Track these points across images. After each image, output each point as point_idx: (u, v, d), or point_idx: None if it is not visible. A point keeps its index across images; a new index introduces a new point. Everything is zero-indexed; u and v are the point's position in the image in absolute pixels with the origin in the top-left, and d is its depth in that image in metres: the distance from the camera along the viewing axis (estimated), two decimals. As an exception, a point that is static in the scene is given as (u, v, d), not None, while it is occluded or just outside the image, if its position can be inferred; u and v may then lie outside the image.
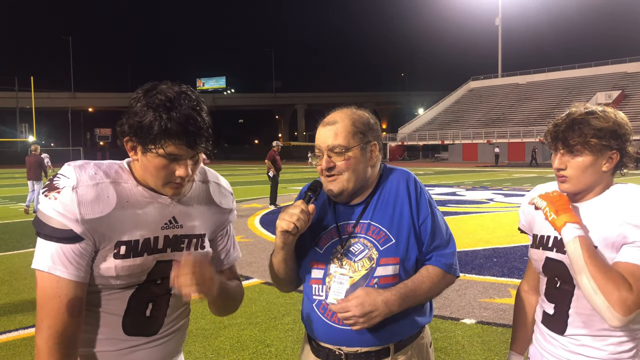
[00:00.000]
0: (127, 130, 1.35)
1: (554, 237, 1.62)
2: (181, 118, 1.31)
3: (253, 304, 5.17)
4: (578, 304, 1.57)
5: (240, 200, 15.63)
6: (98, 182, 1.33)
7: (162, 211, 1.41)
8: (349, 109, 1.68)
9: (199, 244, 1.50)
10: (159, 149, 1.32)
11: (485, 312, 4.85)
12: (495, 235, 8.84)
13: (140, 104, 1.33)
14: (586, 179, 1.55)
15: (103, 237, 1.32)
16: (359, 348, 1.59)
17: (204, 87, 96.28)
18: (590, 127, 1.52)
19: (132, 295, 1.40)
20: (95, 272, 1.34)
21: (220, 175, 1.63)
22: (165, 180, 1.37)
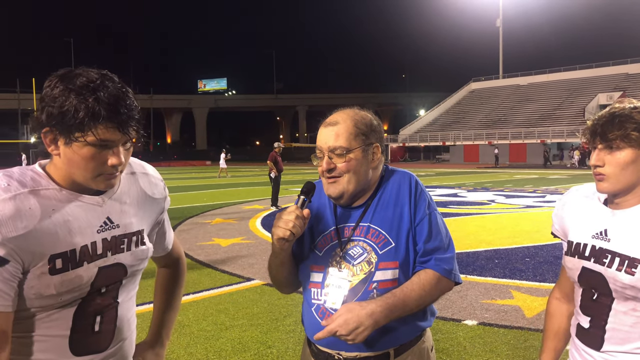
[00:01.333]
0: (45, 120, 1.17)
1: (592, 245, 1.50)
2: (110, 99, 1.16)
3: (255, 305, 5.17)
4: (616, 319, 1.46)
5: (241, 201, 15.64)
6: (15, 194, 1.15)
7: (94, 213, 1.27)
8: (351, 110, 1.65)
9: (138, 241, 1.37)
10: (87, 136, 1.16)
11: (487, 313, 4.84)
12: (496, 236, 8.83)
13: (58, 89, 1.16)
14: (626, 177, 1.43)
15: (32, 254, 1.16)
16: (358, 353, 1.56)
17: (205, 88, 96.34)
18: (632, 120, 1.40)
19: (76, 311, 1.24)
20: (30, 294, 1.18)
21: (146, 164, 1.50)
22: (96, 172, 1.22)
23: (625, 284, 1.41)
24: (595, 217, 1.54)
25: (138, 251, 1.37)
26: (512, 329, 4.40)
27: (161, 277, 1.69)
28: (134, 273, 1.38)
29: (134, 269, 1.37)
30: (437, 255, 1.59)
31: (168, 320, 1.65)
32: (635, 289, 1.40)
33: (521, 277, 6.10)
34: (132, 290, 1.41)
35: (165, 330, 1.64)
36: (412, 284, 1.54)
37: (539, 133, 47.51)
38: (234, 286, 5.85)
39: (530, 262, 6.82)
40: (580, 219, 1.59)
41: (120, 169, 1.26)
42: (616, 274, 1.43)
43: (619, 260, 1.43)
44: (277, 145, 13.91)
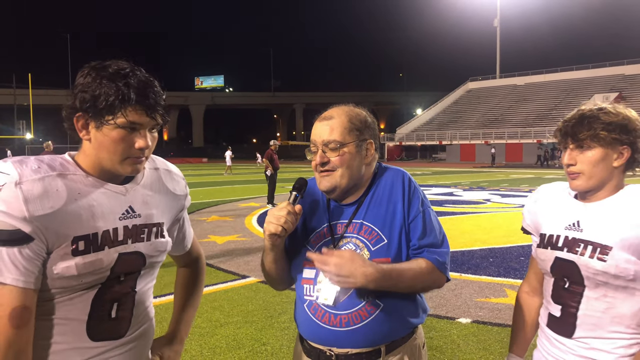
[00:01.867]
0: (78, 106, 1.25)
1: (565, 236, 1.59)
2: (139, 84, 1.25)
3: (249, 302, 5.18)
4: (587, 306, 1.54)
5: (238, 199, 15.64)
6: (44, 176, 1.21)
7: (117, 201, 1.33)
8: (346, 106, 1.66)
9: (158, 232, 1.42)
10: (117, 118, 1.24)
11: (481, 311, 4.87)
12: (491, 235, 8.86)
13: (91, 76, 1.25)
14: (597, 174, 1.53)
15: (57, 235, 1.21)
16: (349, 349, 1.56)
17: (202, 85, 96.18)
18: (599, 121, 1.51)
19: (95, 297, 1.29)
20: (53, 275, 1.22)
21: (168, 162, 1.56)
22: (124, 155, 1.28)
23: (597, 270, 1.50)
24: (568, 210, 1.63)
25: (157, 242, 1.42)
26: (506, 327, 4.42)
27: (181, 276, 1.74)
28: (152, 264, 1.42)
29: (152, 259, 1.41)
30: (431, 249, 1.60)
31: (187, 318, 1.69)
32: (606, 274, 1.49)
33: (515, 276, 6.13)
34: (149, 282, 1.46)
35: (184, 327, 1.67)
36: (409, 264, 1.55)
37: (535, 133, 47.63)
38: (229, 283, 5.86)
39: (524, 261, 6.85)
40: (553, 212, 1.67)
41: (146, 153, 1.32)
42: (589, 261, 1.51)
43: (591, 248, 1.52)
44: (273, 143, 13.91)
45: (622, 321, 1.52)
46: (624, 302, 1.51)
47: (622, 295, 1.50)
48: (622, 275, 1.47)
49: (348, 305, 1.56)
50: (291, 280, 1.75)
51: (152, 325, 1.49)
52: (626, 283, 1.48)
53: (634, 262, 1.46)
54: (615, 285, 1.49)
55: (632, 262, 1.46)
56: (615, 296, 1.51)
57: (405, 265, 1.55)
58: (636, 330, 1.52)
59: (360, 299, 1.55)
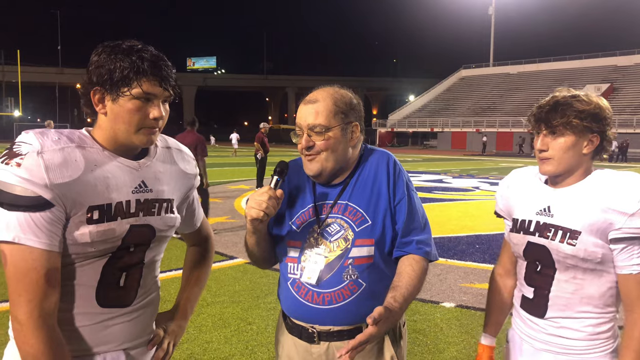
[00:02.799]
0: (95, 80, 1.32)
1: (536, 221, 1.64)
2: (152, 57, 1.33)
3: (237, 282, 5.21)
4: (558, 288, 1.61)
5: (227, 181, 15.62)
6: (63, 147, 1.29)
7: (130, 175, 1.39)
8: (331, 88, 1.65)
9: (168, 208, 1.49)
10: (133, 88, 1.31)
11: (465, 296, 4.94)
12: (478, 222, 8.94)
13: (105, 54, 1.32)
14: (567, 160, 1.57)
15: (74, 202, 1.28)
16: (331, 327, 1.59)
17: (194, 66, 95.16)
18: (572, 108, 1.55)
19: (105, 265, 1.36)
20: (69, 240, 1.29)
21: (179, 142, 1.63)
22: (139, 125, 1.35)
23: (567, 254, 1.55)
24: (539, 196, 1.67)
25: (167, 217, 1.48)
26: (489, 311, 4.49)
27: (190, 255, 1.80)
28: (161, 238, 1.48)
29: (161, 233, 1.47)
30: (417, 237, 1.61)
31: (193, 296, 1.74)
32: (575, 258, 1.55)
33: (500, 262, 6.20)
34: (157, 255, 1.52)
35: (190, 304, 1.72)
36: (406, 280, 1.53)
37: (526, 122, 47.64)
38: (217, 264, 5.89)
39: (510, 248, 6.93)
40: (524, 198, 1.72)
41: (160, 124, 1.38)
42: (559, 245, 1.57)
43: (561, 233, 1.57)
44: (263, 126, 13.81)
45: (590, 301, 1.59)
46: (592, 283, 1.58)
47: (590, 277, 1.57)
48: (590, 259, 1.53)
49: (331, 283, 1.58)
50: (275, 260, 1.77)
51: (157, 297, 1.55)
52: (594, 266, 1.55)
53: (601, 246, 1.52)
54: (583, 267, 1.56)
55: (600, 246, 1.52)
56: (584, 278, 1.58)
57: (407, 277, 1.54)
58: (603, 309, 1.60)
59: (343, 279, 1.58)
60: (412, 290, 1.54)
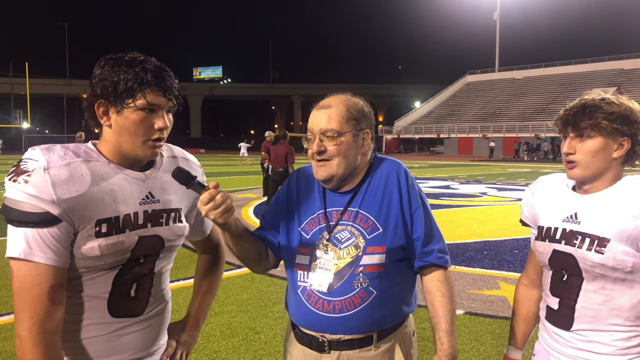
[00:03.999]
0: (99, 93, 1.33)
1: (562, 228, 1.58)
2: (155, 68, 1.34)
3: (244, 291, 5.21)
4: (585, 298, 1.53)
5: (234, 190, 15.65)
6: (69, 162, 1.30)
7: (137, 187, 1.40)
8: (344, 95, 1.67)
9: (176, 218, 1.49)
10: (137, 100, 1.32)
11: (474, 303, 4.91)
12: (486, 228, 8.90)
13: (108, 66, 1.33)
14: (595, 164, 1.51)
15: (82, 217, 1.29)
16: (342, 335, 1.59)
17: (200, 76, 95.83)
18: (601, 110, 1.49)
19: (116, 276, 1.37)
20: (78, 255, 1.30)
21: (185, 151, 1.63)
22: (145, 136, 1.36)
23: (595, 262, 1.48)
24: (565, 202, 1.61)
25: (175, 227, 1.48)
26: (498, 318, 4.47)
27: (201, 263, 1.80)
28: (170, 248, 1.49)
29: (170, 243, 1.48)
30: (437, 246, 1.63)
31: (205, 305, 1.75)
32: (604, 267, 1.47)
33: (509, 269, 6.17)
34: (167, 265, 1.53)
35: (201, 313, 1.73)
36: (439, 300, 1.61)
37: (533, 127, 47.62)
38: (225, 273, 5.83)
39: (518, 254, 6.89)
40: (550, 205, 1.66)
41: (165, 134, 1.40)
42: (586, 253, 1.50)
43: (589, 240, 1.50)
44: (269, 134, 13.84)
45: (620, 313, 1.51)
46: (622, 294, 1.50)
47: (621, 287, 1.49)
48: (620, 268, 1.46)
49: (342, 292, 1.58)
50: (264, 262, 1.74)
51: (168, 306, 1.56)
52: (624, 275, 1.47)
53: (632, 255, 1.45)
54: (613, 277, 1.48)
55: (630, 255, 1.45)
56: (613, 288, 1.50)
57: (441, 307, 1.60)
58: (634, 322, 1.51)
59: (354, 286, 1.57)
60: (451, 316, 1.59)
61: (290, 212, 1.72)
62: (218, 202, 1.41)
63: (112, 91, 1.32)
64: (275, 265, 1.79)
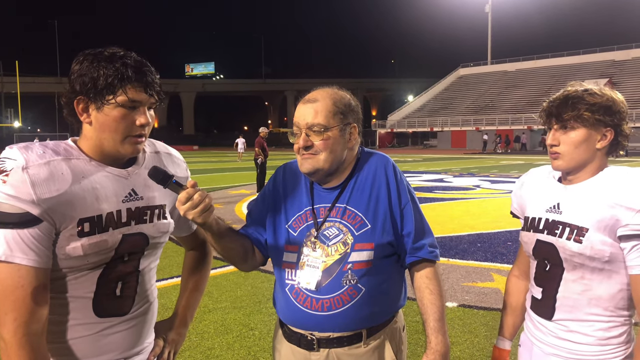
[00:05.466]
0: (78, 89, 1.30)
1: (545, 219, 1.60)
2: (136, 63, 1.31)
3: (238, 288, 5.20)
4: (565, 288, 1.56)
5: (228, 186, 15.61)
6: (49, 160, 1.26)
7: (120, 184, 1.37)
8: (330, 89, 1.64)
9: (160, 214, 1.47)
10: (118, 96, 1.29)
11: (467, 295, 4.92)
12: (480, 221, 8.92)
13: (87, 62, 1.30)
14: (579, 155, 1.53)
15: (63, 216, 1.26)
16: (331, 333, 1.57)
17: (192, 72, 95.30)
18: (584, 102, 1.50)
19: (100, 275, 1.35)
20: (61, 255, 1.28)
21: (168, 146, 1.61)
22: (126, 133, 1.33)
23: (574, 252, 1.51)
24: (550, 193, 1.63)
25: (159, 224, 1.46)
26: (491, 310, 4.48)
27: (188, 260, 1.77)
28: (155, 245, 1.47)
29: (155, 240, 1.46)
30: (427, 241, 1.62)
31: (193, 302, 1.73)
32: (582, 256, 1.50)
33: (502, 261, 6.20)
34: (152, 262, 1.50)
35: (189, 311, 1.71)
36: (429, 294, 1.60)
37: (525, 119, 47.79)
38: (218, 270, 5.87)
39: (512, 246, 6.91)
40: (536, 196, 1.68)
41: (146, 130, 1.37)
42: (566, 242, 1.53)
43: (569, 230, 1.53)
44: (262, 130, 13.80)
45: (599, 303, 1.53)
46: (601, 284, 1.52)
47: (599, 277, 1.51)
48: (597, 257, 1.48)
49: (330, 289, 1.56)
50: (249, 261, 1.70)
51: (155, 304, 1.54)
52: (602, 265, 1.49)
53: (610, 244, 1.47)
54: (591, 267, 1.50)
55: (608, 244, 1.47)
56: (592, 278, 1.52)
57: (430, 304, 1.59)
58: (614, 312, 1.53)
59: (342, 284, 1.56)
60: (439, 313, 1.58)
61: (277, 209, 1.70)
62: (196, 202, 1.38)
63: (92, 87, 1.28)
64: (263, 263, 1.77)
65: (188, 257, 1.78)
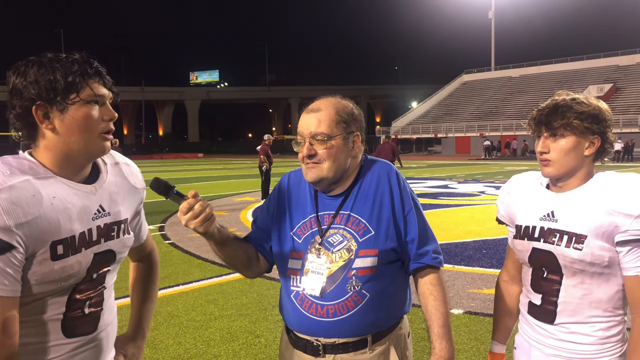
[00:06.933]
0: (34, 95, 1.22)
1: (540, 227, 1.63)
2: (87, 61, 1.28)
3: (244, 295, 5.21)
4: (566, 293, 1.59)
5: (233, 193, 15.65)
6: (18, 182, 1.18)
7: (88, 201, 1.32)
8: (333, 98, 1.67)
9: (125, 229, 1.44)
10: (82, 92, 1.25)
11: (473, 302, 4.91)
12: (485, 227, 8.89)
13: (34, 68, 1.23)
14: (569, 162, 1.57)
15: (36, 241, 1.19)
16: (336, 339, 1.59)
17: (197, 80, 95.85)
18: (573, 110, 1.56)
19: (69, 296, 1.30)
20: (33, 280, 1.21)
21: (124, 156, 1.57)
22: (96, 130, 1.29)
23: (574, 258, 1.54)
24: (541, 201, 1.66)
25: (125, 239, 1.43)
26: (497, 317, 4.47)
27: (137, 271, 1.73)
28: (119, 260, 1.44)
29: (120, 255, 1.43)
30: (430, 247, 1.64)
31: (147, 312, 1.69)
32: (582, 262, 1.54)
33: (508, 267, 6.17)
34: (114, 277, 1.47)
35: (145, 322, 1.68)
36: (434, 300, 1.61)
37: (529, 125, 47.63)
38: (224, 277, 5.89)
39: (517, 252, 6.89)
40: (526, 203, 1.71)
41: (112, 127, 1.34)
42: (565, 250, 1.56)
43: (567, 237, 1.56)
44: (267, 138, 13.82)
45: (599, 306, 1.58)
46: (600, 287, 1.57)
47: (598, 281, 1.56)
48: (597, 262, 1.53)
49: (335, 295, 1.58)
50: (254, 268, 1.74)
51: (115, 321, 1.50)
52: (601, 269, 1.54)
53: (608, 249, 1.52)
54: (591, 272, 1.55)
55: (606, 249, 1.52)
56: (592, 282, 1.57)
57: (434, 310, 1.60)
58: (612, 313, 1.59)
59: (346, 290, 1.58)
60: (444, 319, 1.59)
61: (281, 217, 1.72)
62: (197, 212, 1.40)
63: (51, 90, 1.22)
64: (268, 270, 1.79)
65: (136, 268, 1.73)
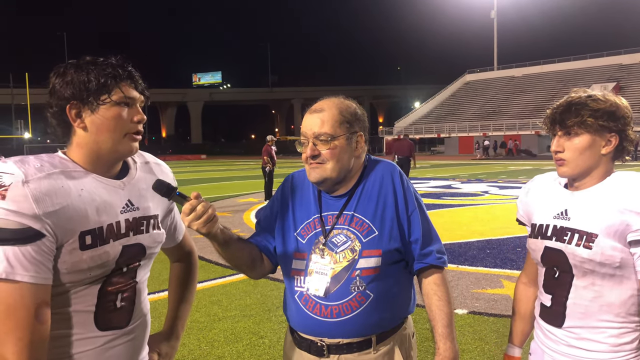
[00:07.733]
0: (69, 95, 1.30)
1: (553, 225, 1.59)
2: (121, 64, 1.35)
3: (247, 296, 5.21)
4: (576, 295, 1.55)
5: (236, 194, 15.66)
6: (48, 173, 1.24)
7: (117, 195, 1.37)
8: (337, 98, 1.67)
9: (155, 224, 1.47)
10: (113, 94, 1.31)
11: (477, 302, 4.90)
12: (489, 227, 8.88)
13: (71, 70, 1.32)
14: (584, 161, 1.52)
15: (65, 230, 1.24)
16: (341, 339, 1.58)
17: (200, 82, 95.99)
18: (587, 108, 1.50)
19: (100, 288, 1.33)
20: (63, 269, 1.25)
21: (155, 157, 1.61)
22: (124, 130, 1.35)
23: (584, 258, 1.50)
24: (557, 200, 1.63)
25: (155, 234, 1.47)
26: (502, 317, 4.45)
27: (175, 271, 1.76)
28: (150, 255, 1.47)
29: (151, 251, 1.46)
30: (434, 247, 1.63)
31: (183, 313, 1.72)
32: (592, 262, 1.49)
33: (512, 267, 6.16)
34: (146, 273, 1.50)
35: (180, 323, 1.71)
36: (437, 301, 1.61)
37: (533, 124, 47.57)
38: (227, 278, 5.89)
39: (521, 252, 6.87)
40: (543, 202, 1.67)
41: (141, 127, 1.39)
42: (575, 249, 1.51)
43: (577, 236, 1.52)
44: (270, 139, 13.83)
45: (610, 310, 1.52)
46: (612, 290, 1.51)
47: (610, 283, 1.50)
48: (607, 263, 1.47)
49: (339, 296, 1.58)
50: (258, 269, 1.73)
51: (149, 316, 1.52)
52: (613, 271, 1.48)
53: (620, 250, 1.46)
54: (602, 273, 1.49)
55: (618, 250, 1.46)
56: (602, 284, 1.51)
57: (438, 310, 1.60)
58: (625, 318, 1.52)
59: (350, 290, 1.57)
60: (448, 319, 1.59)
61: (285, 217, 1.72)
62: (199, 213, 1.40)
63: (85, 90, 1.29)
64: (273, 271, 1.79)
65: (175, 269, 1.76)
